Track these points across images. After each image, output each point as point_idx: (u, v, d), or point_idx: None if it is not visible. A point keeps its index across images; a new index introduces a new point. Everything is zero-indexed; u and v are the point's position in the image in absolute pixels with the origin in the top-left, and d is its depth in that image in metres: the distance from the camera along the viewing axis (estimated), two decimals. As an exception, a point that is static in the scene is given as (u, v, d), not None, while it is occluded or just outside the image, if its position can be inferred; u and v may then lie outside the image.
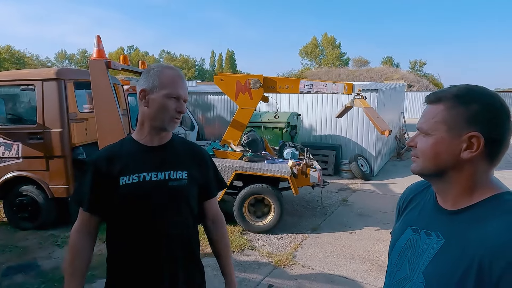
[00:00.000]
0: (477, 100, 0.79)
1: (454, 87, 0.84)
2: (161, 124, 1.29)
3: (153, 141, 1.33)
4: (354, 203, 5.96)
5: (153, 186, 1.28)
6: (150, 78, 1.28)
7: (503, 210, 0.76)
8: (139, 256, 1.27)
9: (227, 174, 4.53)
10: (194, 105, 10.52)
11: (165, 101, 1.26)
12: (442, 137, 0.82)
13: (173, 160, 1.34)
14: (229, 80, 5.05)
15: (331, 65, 48.75)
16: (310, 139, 8.44)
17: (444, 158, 0.82)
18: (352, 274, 3.60)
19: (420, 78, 38.20)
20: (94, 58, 4.29)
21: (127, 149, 1.33)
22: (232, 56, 66.88)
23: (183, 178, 1.33)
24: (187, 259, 1.36)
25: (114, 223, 1.31)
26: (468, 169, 0.80)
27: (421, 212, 0.94)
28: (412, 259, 0.89)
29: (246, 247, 4.16)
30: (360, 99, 5.03)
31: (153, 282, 1.27)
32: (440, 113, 0.82)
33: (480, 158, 0.79)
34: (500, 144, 0.79)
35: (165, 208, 1.30)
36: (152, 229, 1.28)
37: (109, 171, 1.27)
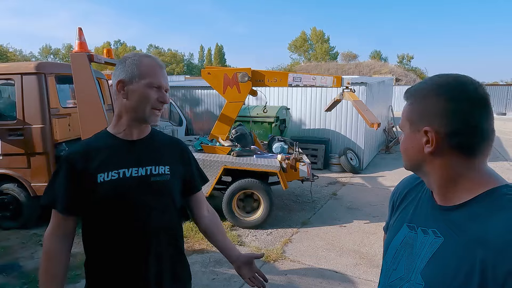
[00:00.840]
0: (430, 94, 0.79)
1: (422, 82, 0.84)
2: (142, 115, 1.21)
3: (132, 135, 1.25)
4: (343, 197, 5.97)
5: (134, 182, 1.21)
6: (128, 68, 1.20)
7: (501, 206, 0.72)
8: (123, 255, 1.21)
9: (216, 169, 4.46)
10: (182, 100, 10.37)
11: (147, 91, 1.19)
12: (407, 133, 0.83)
13: (154, 154, 1.28)
14: (216, 74, 4.96)
15: (320, 59, 48.81)
16: (299, 133, 8.41)
17: (412, 153, 0.83)
18: (342, 268, 3.59)
19: (407, 72, 38.56)
20: (76, 51, 4.15)
21: (103, 143, 1.24)
22: (221, 50, 66.41)
23: (165, 173, 1.27)
24: (173, 255, 1.31)
25: (93, 223, 1.22)
26: (438, 163, 0.79)
27: (416, 208, 0.90)
28: (409, 258, 0.85)
29: (236, 243, 4.11)
30: (349, 92, 5.00)
31: (139, 281, 1.22)
32: (405, 111, 0.84)
33: (446, 151, 0.77)
34: (467, 135, 0.75)
35: (148, 205, 1.23)
36: (136, 227, 1.21)
37: (85, 167, 1.18)
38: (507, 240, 0.66)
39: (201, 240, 4.07)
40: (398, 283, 0.85)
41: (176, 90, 10.49)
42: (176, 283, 1.31)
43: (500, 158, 9.34)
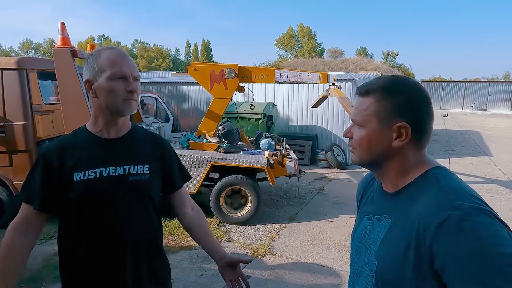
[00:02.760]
0: (403, 92, 0.85)
1: (381, 80, 0.89)
2: (116, 110, 1.18)
3: (110, 133, 1.23)
4: (330, 192, 6.04)
5: (112, 182, 1.19)
6: (90, 66, 1.17)
7: (430, 184, 0.83)
8: (99, 256, 1.18)
9: (203, 166, 4.45)
10: (168, 96, 10.27)
11: (110, 84, 1.14)
12: (374, 128, 0.87)
13: (132, 153, 1.25)
14: (203, 70, 4.94)
15: (307, 55, 49.00)
16: (286, 129, 8.46)
17: (377, 148, 0.87)
18: (328, 262, 3.65)
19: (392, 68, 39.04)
20: (59, 46, 4.06)
21: (81, 141, 1.21)
22: (207, 46, 65.84)
23: (144, 173, 1.24)
24: (151, 254, 1.29)
25: (69, 222, 1.20)
26: (399, 155, 0.87)
27: (371, 201, 1.00)
28: (368, 245, 0.93)
29: (223, 239, 4.12)
30: (335, 88, 5.06)
31: (116, 281, 1.20)
32: (370, 106, 0.87)
33: (409, 144, 0.85)
34: (425, 129, 0.86)
35: (126, 204, 1.21)
36: (113, 227, 1.19)
37: (61, 165, 1.16)
38: (431, 207, 0.76)
39: (189, 237, 4.05)
40: (362, 269, 0.93)
41: (163, 86, 10.38)
42: (155, 283, 1.29)
43: (481, 153, 9.61)
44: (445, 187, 0.81)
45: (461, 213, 0.72)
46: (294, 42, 55.58)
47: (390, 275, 0.82)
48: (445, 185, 0.81)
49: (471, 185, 0.87)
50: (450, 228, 0.71)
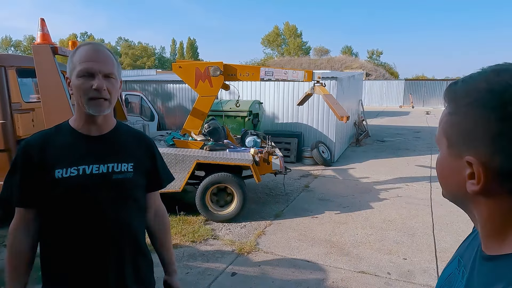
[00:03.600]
0: (478, 104, 0.51)
1: (466, 78, 0.56)
2: (84, 109, 1.15)
3: (91, 130, 1.20)
4: (315, 189, 6.11)
5: (95, 179, 1.17)
6: (68, 62, 1.15)
7: None
8: (82, 254, 1.17)
9: (188, 164, 4.43)
10: (153, 95, 10.16)
11: (78, 81, 1.11)
12: (444, 155, 0.59)
13: (117, 151, 1.23)
14: (188, 68, 4.91)
15: (293, 54, 49.22)
16: (272, 127, 8.49)
17: (451, 184, 0.58)
18: (313, 257, 3.70)
19: (377, 67, 39.75)
20: (38, 42, 3.97)
21: (63, 137, 1.19)
22: (193, 44, 65.35)
23: (128, 171, 1.22)
24: (135, 253, 1.28)
25: (50, 220, 1.17)
26: (486, 205, 0.54)
27: (469, 245, 0.70)
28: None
29: (209, 237, 4.12)
30: (319, 86, 5.10)
31: (99, 280, 1.19)
32: (443, 120, 0.59)
33: (498, 192, 0.52)
34: None
35: (110, 203, 1.19)
36: (96, 226, 1.17)
37: (42, 161, 1.13)
38: None
39: (174, 235, 4.05)
40: None
41: (147, 84, 10.26)
42: (139, 282, 1.28)
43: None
44: None
45: None
46: (280, 41, 55.76)
47: None
48: None
49: None
50: None
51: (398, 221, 4.67)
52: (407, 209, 5.10)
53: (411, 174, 7.14)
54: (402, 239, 4.11)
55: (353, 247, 3.92)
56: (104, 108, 1.15)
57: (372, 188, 6.16)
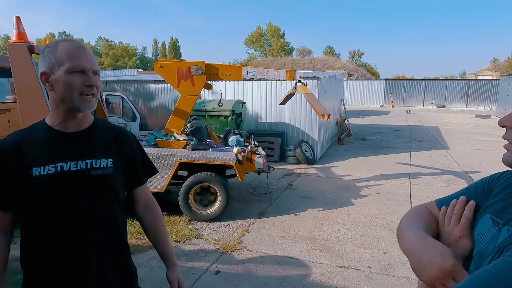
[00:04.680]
0: None
1: None
2: (72, 104, 1.15)
3: (69, 126, 1.19)
4: (299, 187, 6.18)
5: (73, 176, 1.16)
6: (46, 58, 1.13)
7: None
8: (62, 251, 1.17)
9: (171, 164, 4.41)
10: (135, 95, 10.03)
11: (68, 77, 1.11)
12: None
13: (95, 147, 1.23)
14: (169, 67, 4.88)
15: (276, 54, 49.46)
16: (256, 127, 8.53)
17: None
18: (296, 253, 3.75)
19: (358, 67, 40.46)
20: (14, 41, 3.87)
21: (39, 135, 1.18)
22: (176, 44, 64.73)
23: (107, 166, 1.22)
24: (116, 250, 1.28)
25: (29, 219, 1.17)
26: None
27: (506, 208, 0.74)
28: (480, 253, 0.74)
29: (193, 236, 4.12)
30: (301, 85, 5.17)
31: (80, 279, 1.19)
32: None
33: None
34: None
35: (89, 199, 1.19)
36: (76, 223, 1.17)
37: (18, 160, 1.13)
38: None
39: (158, 235, 4.02)
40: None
41: (129, 84, 10.12)
42: (120, 276, 1.29)
43: (439, 146, 10.17)
44: None
45: None
46: (263, 41, 55.94)
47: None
48: None
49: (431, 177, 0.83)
50: None
51: (379, 217, 4.78)
52: (387, 205, 5.23)
53: (391, 171, 7.32)
54: (382, 234, 4.22)
55: (335, 243, 4.00)
56: (93, 104, 1.17)
57: (353, 186, 6.28)
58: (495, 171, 0.83)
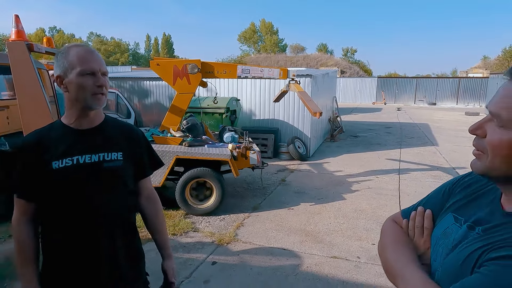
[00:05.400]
0: None
1: None
2: (84, 104, 1.28)
3: (83, 124, 1.33)
4: (292, 182, 6.35)
5: (87, 168, 1.29)
6: (60, 62, 1.27)
7: None
8: (77, 237, 1.30)
9: (168, 160, 4.53)
10: (130, 92, 10.07)
11: (80, 80, 1.24)
12: None
13: (106, 141, 1.36)
14: (166, 65, 4.99)
15: (270, 51, 49.53)
16: (250, 124, 8.67)
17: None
18: (289, 245, 3.91)
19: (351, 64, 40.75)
20: (13, 39, 3.94)
21: (56, 133, 1.31)
22: (168, 40, 64.32)
23: (118, 159, 1.35)
24: (127, 239, 1.41)
25: (49, 209, 1.30)
26: None
27: (473, 205, 0.80)
28: (443, 250, 0.79)
29: (190, 230, 4.26)
30: (294, 83, 5.31)
31: (94, 265, 1.32)
32: None
33: None
34: None
35: (102, 190, 1.32)
36: (90, 212, 1.30)
37: (39, 155, 1.26)
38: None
39: (155, 229, 4.15)
40: (433, 275, 0.80)
41: (123, 81, 10.16)
42: (130, 261, 1.41)
43: (428, 143, 10.43)
44: None
45: None
46: (257, 38, 55.92)
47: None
48: None
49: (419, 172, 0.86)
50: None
51: (368, 211, 4.97)
52: (377, 200, 5.43)
53: (382, 167, 7.53)
54: (372, 227, 4.41)
55: (326, 235, 4.18)
56: (103, 102, 1.31)
57: (345, 181, 6.47)
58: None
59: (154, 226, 1.56)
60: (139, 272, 1.50)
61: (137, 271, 1.48)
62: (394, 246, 0.85)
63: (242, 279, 3.23)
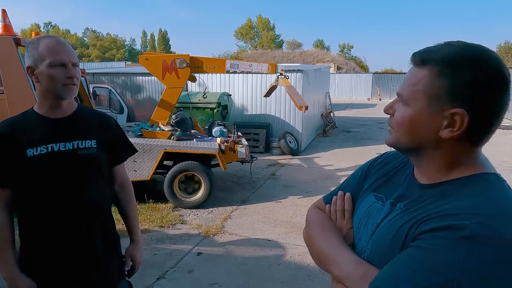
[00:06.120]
0: (468, 68, 0.66)
1: (445, 47, 0.70)
2: (56, 93, 1.31)
3: (56, 113, 1.36)
4: (281, 176, 6.42)
5: (62, 156, 1.34)
6: (30, 53, 1.29)
7: (479, 191, 0.67)
8: (55, 226, 1.35)
9: (156, 153, 4.59)
10: (122, 87, 10.09)
11: (51, 71, 1.27)
12: (421, 109, 0.70)
13: (80, 130, 1.40)
14: (154, 60, 5.02)
15: (266, 47, 49.45)
16: (242, 119, 8.72)
17: (421, 134, 0.71)
18: (275, 236, 3.99)
19: (348, 61, 40.74)
20: (0, 34, 3.96)
21: (30, 121, 1.35)
22: (165, 36, 64.02)
23: (92, 147, 1.40)
24: (103, 225, 1.48)
25: (25, 196, 1.34)
26: (446, 148, 0.71)
27: (391, 182, 0.86)
28: (367, 229, 0.84)
29: (177, 222, 4.32)
30: (282, 78, 5.37)
31: (71, 252, 1.38)
32: (422, 80, 0.70)
33: (462, 137, 0.68)
34: (489, 124, 0.68)
35: (76, 177, 1.37)
36: (66, 199, 1.35)
37: (14, 143, 1.29)
38: (446, 211, 0.65)
39: (143, 221, 4.21)
40: (361, 254, 0.82)
41: (116, 77, 10.17)
42: (106, 242, 1.48)
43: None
44: (501, 204, 0.64)
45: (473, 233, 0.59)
46: (253, 33, 55.77)
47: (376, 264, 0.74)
48: (502, 201, 0.65)
49: None
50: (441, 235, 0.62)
51: (355, 203, 5.05)
52: (364, 193, 5.50)
53: (372, 161, 7.60)
54: (357, 219, 4.49)
55: (312, 227, 4.25)
56: (75, 92, 1.35)
57: (334, 175, 6.55)
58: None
59: (126, 212, 1.63)
60: (114, 249, 1.56)
61: (112, 248, 1.54)
62: (321, 233, 0.89)
63: (226, 268, 3.30)
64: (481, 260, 0.57)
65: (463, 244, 0.59)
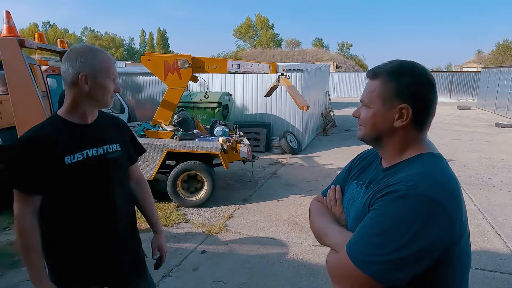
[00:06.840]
0: (406, 76, 0.93)
1: (389, 64, 0.98)
2: (105, 103, 1.41)
3: (87, 119, 1.42)
4: (282, 175, 6.48)
5: (95, 160, 1.41)
6: (89, 63, 1.33)
7: (416, 166, 0.92)
8: (90, 229, 1.41)
9: (159, 153, 4.64)
10: (123, 87, 10.11)
11: (108, 83, 1.39)
12: (378, 109, 0.96)
13: (105, 134, 1.48)
14: (157, 60, 5.07)
15: (265, 46, 49.46)
16: (243, 118, 8.77)
17: (380, 127, 0.97)
18: (277, 235, 4.05)
19: (347, 59, 40.80)
20: (5, 35, 4.00)
21: (62, 128, 1.37)
22: (164, 35, 63.95)
23: (117, 150, 1.50)
24: (132, 225, 1.60)
25: (58, 202, 1.36)
26: (399, 135, 0.96)
27: (367, 171, 1.11)
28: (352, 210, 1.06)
29: (181, 221, 4.38)
30: (283, 78, 5.41)
31: (109, 243, 1.46)
32: (377, 88, 0.96)
33: (409, 125, 0.94)
34: (427, 113, 0.95)
35: (108, 180, 1.45)
36: (100, 201, 1.43)
37: (49, 150, 1.31)
38: (392, 181, 0.90)
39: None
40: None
41: (117, 76, 10.19)
42: (133, 242, 1.60)
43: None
44: (425, 172, 0.89)
45: (403, 193, 0.83)
46: (252, 32, 55.73)
47: None
48: (427, 170, 0.89)
49: None
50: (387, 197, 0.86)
51: (356, 202, 5.11)
52: (365, 191, 5.56)
53: (371, 160, 7.66)
54: (357, 217, 4.55)
55: (313, 225, 4.31)
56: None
57: (334, 173, 6.59)
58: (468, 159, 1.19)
59: (144, 207, 1.71)
60: (140, 247, 1.67)
61: (139, 247, 1.66)
62: (318, 216, 1.17)
63: (230, 266, 3.36)
64: (404, 210, 0.82)
65: (396, 202, 0.84)
